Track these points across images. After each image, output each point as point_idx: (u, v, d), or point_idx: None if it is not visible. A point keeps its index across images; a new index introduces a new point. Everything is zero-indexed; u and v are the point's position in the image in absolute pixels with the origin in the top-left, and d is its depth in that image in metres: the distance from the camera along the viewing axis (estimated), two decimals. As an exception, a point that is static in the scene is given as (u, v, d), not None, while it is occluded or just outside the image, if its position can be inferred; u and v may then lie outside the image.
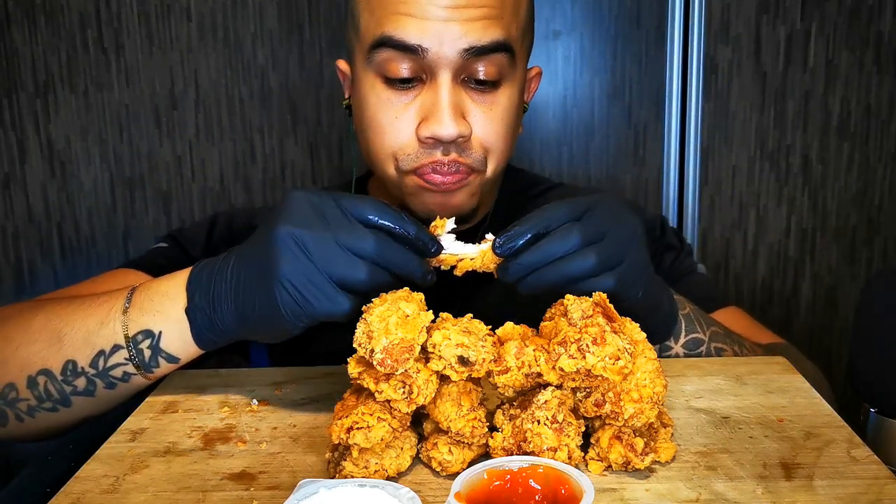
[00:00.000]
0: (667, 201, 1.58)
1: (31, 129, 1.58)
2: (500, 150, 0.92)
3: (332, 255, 0.66)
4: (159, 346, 0.75)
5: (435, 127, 0.85)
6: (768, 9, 1.50)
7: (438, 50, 0.84)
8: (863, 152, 1.56)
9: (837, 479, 0.61)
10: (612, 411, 0.62)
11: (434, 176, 0.88)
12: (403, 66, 0.86)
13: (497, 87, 0.89)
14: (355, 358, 0.63)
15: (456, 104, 0.86)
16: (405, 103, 0.88)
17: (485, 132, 0.89)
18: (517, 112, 0.93)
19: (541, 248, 0.69)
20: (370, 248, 0.66)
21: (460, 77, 0.87)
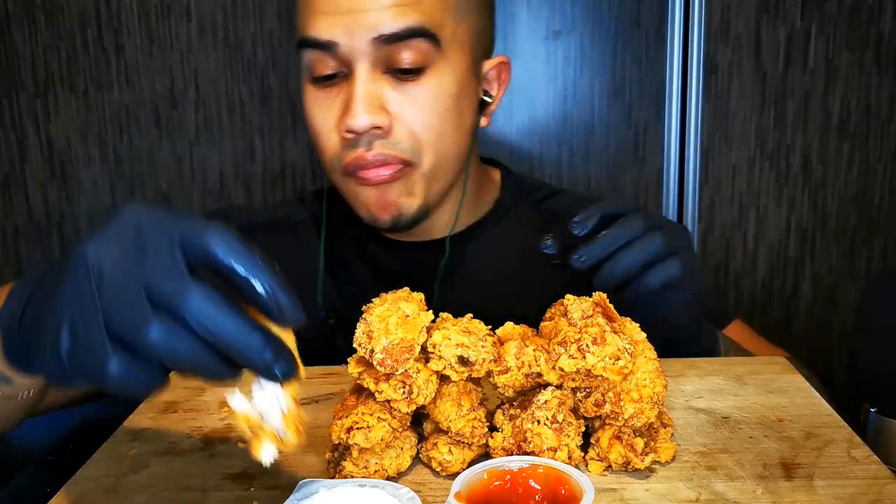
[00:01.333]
0: (667, 201, 1.58)
1: (31, 129, 1.58)
2: (434, 140, 0.89)
3: (125, 299, 0.46)
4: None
5: (348, 119, 0.86)
6: (768, 9, 1.50)
7: (350, 42, 0.85)
8: (863, 152, 1.56)
9: (837, 479, 0.61)
10: (612, 411, 0.62)
11: (364, 171, 0.88)
12: (324, 63, 0.87)
13: (421, 74, 0.87)
14: (355, 358, 0.63)
15: (372, 94, 0.86)
16: (330, 100, 0.89)
17: (411, 121, 0.88)
18: (454, 103, 0.90)
19: (608, 235, 0.73)
20: (192, 302, 0.46)
21: (382, 67, 0.87)
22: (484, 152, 1.07)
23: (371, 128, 0.86)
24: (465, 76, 0.91)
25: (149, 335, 0.45)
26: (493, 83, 0.98)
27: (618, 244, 0.73)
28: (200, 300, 0.46)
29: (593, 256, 0.73)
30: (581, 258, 0.73)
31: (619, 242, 0.73)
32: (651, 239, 0.74)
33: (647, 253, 0.73)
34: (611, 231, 0.74)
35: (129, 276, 0.47)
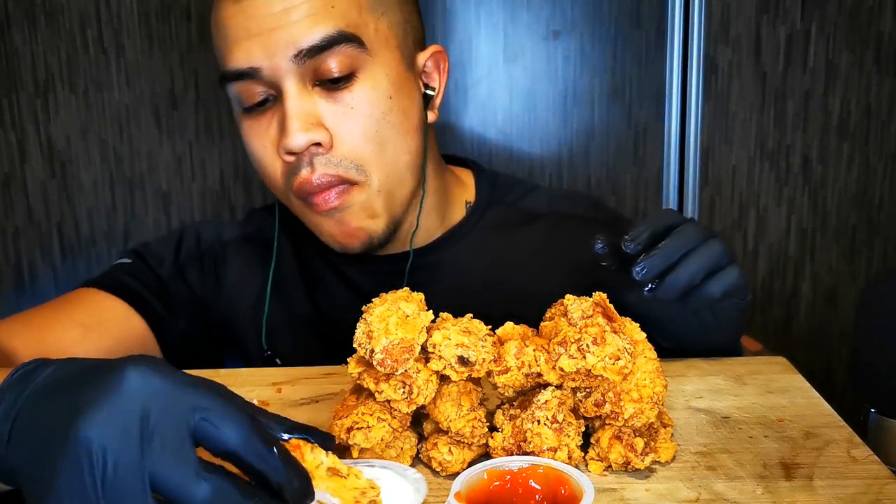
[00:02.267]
0: (667, 201, 1.58)
1: (31, 129, 1.58)
2: (376, 154, 0.85)
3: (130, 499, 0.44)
4: None
5: (285, 140, 0.82)
6: (768, 9, 1.50)
7: (271, 64, 0.82)
8: (863, 152, 1.56)
9: (837, 479, 0.61)
10: (612, 411, 0.62)
11: (313, 197, 0.85)
12: (251, 92, 0.84)
13: (352, 80, 0.84)
14: (355, 358, 0.63)
15: (306, 111, 0.83)
16: (265, 127, 0.86)
17: (350, 135, 0.84)
18: (393, 104, 0.86)
19: (668, 246, 0.72)
20: (202, 495, 0.44)
21: (311, 81, 0.84)
22: (484, 154, 1.06)
23: (309, 145, 0.83)
24: (399, 73, 0.87)
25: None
26: (432, 74, 0.93)
27: (679, 254, 0.73)
28: (209, 493, 0.44)
29: (655, 267, 0.72)
30: (642, 270, 0.71)
31: (679, 252, 0.73)
32: (711, 247, 0.74)
33: (709, 261, 0.73)
34: (670, 241, 0.73)
35: (134, 471, 0.43)
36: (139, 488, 0.43)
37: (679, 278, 0.72)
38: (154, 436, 0.44)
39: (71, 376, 0.49)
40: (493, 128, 1.53)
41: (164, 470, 0.44)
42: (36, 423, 0.47)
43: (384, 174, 0.86)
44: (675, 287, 0.73)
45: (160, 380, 0.46)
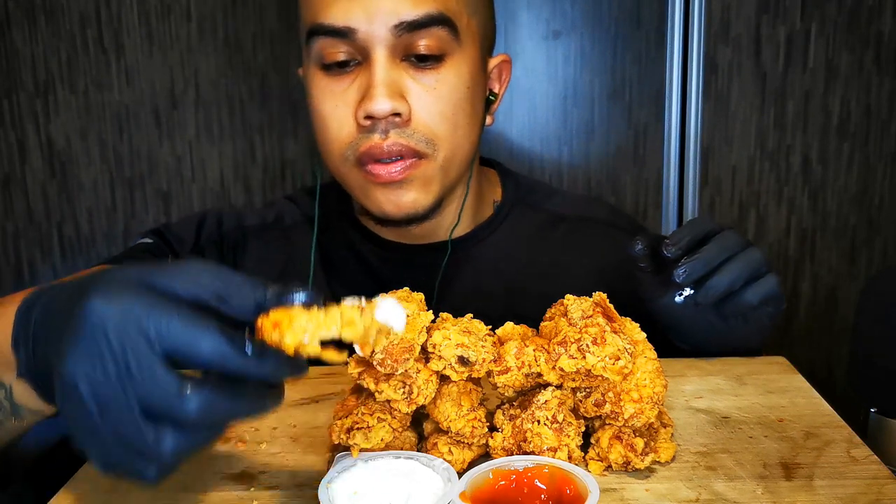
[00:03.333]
0: (667, 201, 1.58)
1: (31, 129, 1.58)
2: (448, 133, 0.88)
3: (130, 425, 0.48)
4: (13, 398, 0.61)
5: (368, 104, 0.83)
6: (768, 9, 1.50)
7: (368, 28, 0.83)
8: (863, 152, 1.56)
9: (837, 479, 0.61)
10: (612, 411, 0.62)
11: (376, 167, 0.86)
12: (337, 50, 0.85)
13: (441, 63, 0.86)
14: (355, 358, 0.63)
15: (392, 81, 0.84)
16: (344, 89, 0.87)
17: (428, 112, 0.86)
18: (469, 95, 0.89)
19: (709, 251, 0.75)
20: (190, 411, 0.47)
21: (399, 55, 0.85)
22: (484, 152, 1.07)
23: (391, 114, 0.84)
24: (476, 70, 0.90)
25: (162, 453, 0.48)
26: (495, 81, 0.98)
27: (719, 260, 0.76)
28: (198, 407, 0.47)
29: (696, 271, 0.75)
30: (684, 272, 0.75)
31: (720, 258, 0.76)
32: (750, 255, 0.77)
33: (749, 268, 0.76)
34: (711, 247, 0.76)
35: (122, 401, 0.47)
36: (129, 416, 0.47)
37: (719, 283, 0.75)
38: (129, 366, 0.47)
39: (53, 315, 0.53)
40: (493, 128, 1.53)
41: (148, 395, 0.47)
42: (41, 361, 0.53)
43: (450, 151, 0.89)
44: (715, 291, 0.75)
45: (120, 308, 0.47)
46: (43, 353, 0.53)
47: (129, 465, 0.49)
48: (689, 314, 0.81)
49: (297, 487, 0.62)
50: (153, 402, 0.47)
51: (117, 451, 0.48)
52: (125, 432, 0.47)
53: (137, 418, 0.47)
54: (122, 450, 0.48)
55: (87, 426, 0.48)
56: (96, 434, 0.48)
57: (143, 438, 0.47)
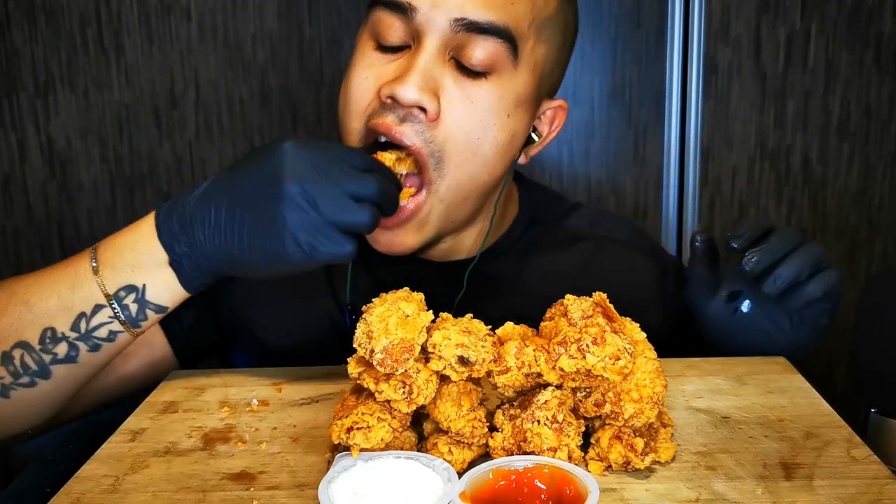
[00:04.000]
0: (667, 201, 1.58)
1: (31, 129, 1.58)
2: (464, 156, 0.82)
3: (339, 205, 0.69)
4: (145, 298, 0.74)
5: (397, 86, 0.79)
6: (768, 9, 1.50)
7: (428, 12, 0.79)
8: (863, 152, 1.56)
9: (837, 479, 0.61)
10: (612, 411, 0.62)
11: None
12: (392, 30, 0.81)
13: (485, 77, 0.81)
14: (355, 358, 0.63)
15: (431, 75, 0.80)
16: (383, 64, 0.83)
17: (454, 121, 0.81)
18: (506, 123, 0.83)
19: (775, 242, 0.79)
20: (374, 191, 0.70)
21: (448, 52, 0.81)
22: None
23: (416, 105, 0.79)
24: (525, 101, 0.84)
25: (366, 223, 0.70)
26: (545, 124, 0.91)
27: (783, 252, 0.79)
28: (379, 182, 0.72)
29: (764, 260, 0.78)
30: (753, 260, 0.78)
31: (784, 250, 0.79)
32: (812, 248, 0.80)
33: (812, 260, 0.79)
34: (775, 239, 0.79)
35: (331, 190, 0.69)
36: (344, 199, 0.69)
37: (786, 273, 0.78)
38: (323, 165, 0.70)
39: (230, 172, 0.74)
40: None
41: (348, 183, 0.70)
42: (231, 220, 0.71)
43: (455, 183, 0.83)
44: (782, 282, 0.78)
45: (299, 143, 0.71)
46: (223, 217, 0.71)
47: (333, 245, 0.69)
48: (739, 318, 0.83)
49: (297, 487, 0.62)
50: (352, 187, 0.70)
51: (329, 238, 0.69)
52: (338, 210, 0.69)
53: (346, 197, 0.69)
54: (332, 234, 0.69)
55: (305, 221, 0.68)
56: (311, 226, 0.69)
57: (354, 209, 0.69)
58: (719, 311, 0.84)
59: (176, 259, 0.73)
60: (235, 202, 0.71)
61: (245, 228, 0.71)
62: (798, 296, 0.80)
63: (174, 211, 0.74)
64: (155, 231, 0.74)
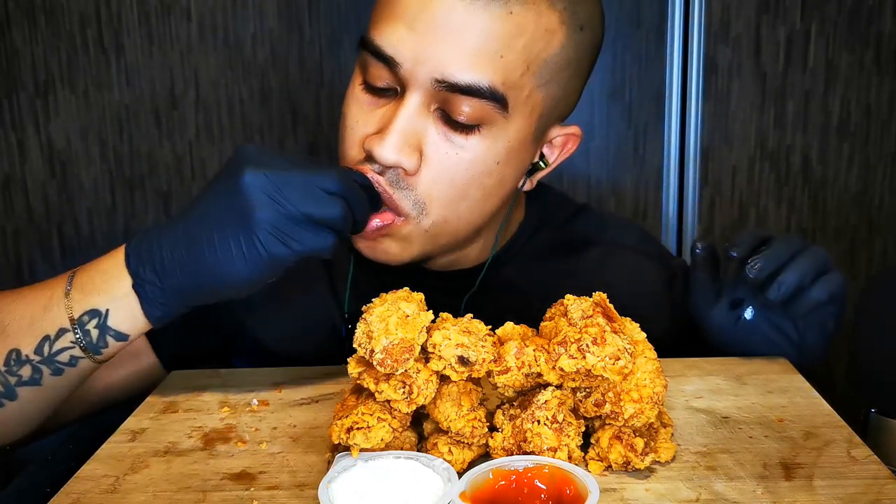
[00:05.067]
0: (667, 201, 1.58)
1: (31, 129, 1.58)
2: (449, 202, 0.80)
3: (306, 193, 0.68)
4: (107, 324, 0.73)
5: (376, 144, 0.77)
6: (768, 9, 1.50)
7: (412, 68, 0.76)
8: (863, 152, 1.56)
9: (837, 479, 0.61)
10: (612, 411, 0.62)
11: None
12: (379, 75, 0.79)
13: (472, 132, 0.78)
14: (355, 358, 0.63)
15: (412, 132, 0.78)
16: (373, 108, 0.81)
17: (437, 172, 0.79)
18: (496, 169, 0.81)
19: (777, 248, 0.77)
20: (338, 183, 0.70)
21: (433, 105, 0.78)
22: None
23: (394, 165, 0.78)
24: (521, 142, 0.82)
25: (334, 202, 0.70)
26: (554, 150, 0.88)
27: (786, 256, 0.77)
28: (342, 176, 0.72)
29: (768, 267, 0.77)
30: (756, 267, 0.77)
31: (787, 255, 0.78)
32: (816, 252, 0.79)
33: (816, 264, 0.78)
34: (777, 244, 0.78)
35: (296, 178, 0.69)
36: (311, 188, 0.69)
37: (790, 279, 0.77)
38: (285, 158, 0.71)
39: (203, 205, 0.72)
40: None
41: (311, 173, 0.70)
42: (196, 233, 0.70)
43: (441, 219, 0.82)
44: (787, 288, 0.77)
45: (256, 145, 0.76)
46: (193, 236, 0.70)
47: (311, 239, 0.69)
48: (742, 326, 0.82)
49: (297, 487, 0.62)
50: (316, 177, 0.69)
51: (302, 229, 0.68)
52: (306, 200, 0.68)
53: (313, 186, 0.68)
54: (307, 225, 0.68)
55: (275, 214, 0.67)
56: (283, 214, 0.67)
57: (323, 198, 0.68)
58: (722, 320, 0.84)
59: (139, 284, 0.72)
60: (201, 212, 0.70)
61: (215, 236, 0.69)
62: (803, 301, 0.78)
63: (144, 237, 0.73)
64: (124, 255, 0.73)
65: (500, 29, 0.76)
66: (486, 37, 0.75)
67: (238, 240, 0.68)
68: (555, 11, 0.78)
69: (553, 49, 0.79)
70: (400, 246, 0.83)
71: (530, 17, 0.77)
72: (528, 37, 0.77)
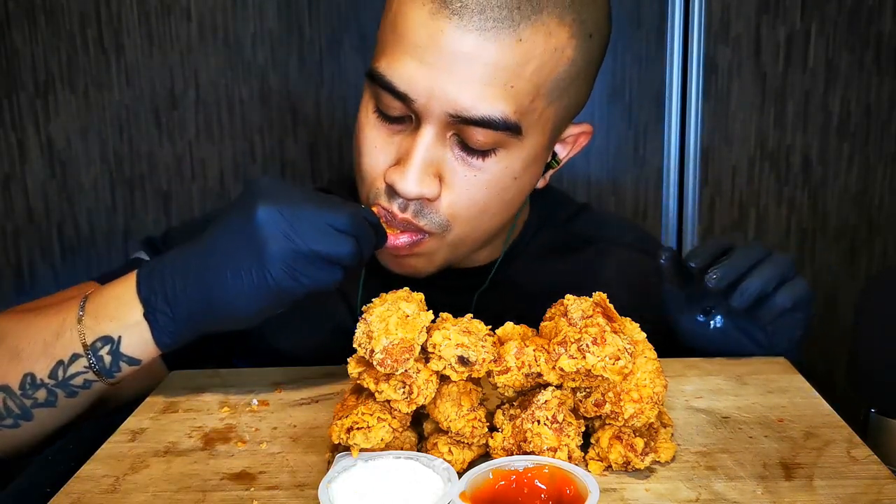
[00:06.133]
0: (667, 201, 1.58)
1: (31, 129, 1.58)
2: (471, 217, 0.83)
3: (318, 231, 0.69)
4: (119, 350, 0.74)
5: (398, 179, 0.79)
6: (768, 9, 1.50)
7: (426, 103, 0.77)
8: (863, 152, 1.56)
9: (837, 479, 0.61)
10: (612, 411, 0.62)
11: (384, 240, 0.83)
12: (393, 105, 0.79)
13: (489, 155, 0.80)
14: (355, 358, 0.63)
15: (430, 162, 0.79)
16: (389, 134, 0.82)
17: (458, 196, 0.81)
18: (514, 184, 0.83)
19: (738, 257, 0.77)
20: (348, 221, 0.70)
21: (449, 133, 0.79)
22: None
23: (418, 197, 0.80)
24: (537, 153, 0.83)
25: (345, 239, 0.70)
26: (567, 146, 0.90)
27: (748, 264, 0.77)
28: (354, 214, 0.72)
29: (728, 276, 0.77)
30: (715, 277, 0.76)
31: (749, 263, 0.77)
32: (779, 259, 0.78)
33: (779, 271, 0.77)
34: (738, 252, 0.78)
35: (308, 214, 0.69)
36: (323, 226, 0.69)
37: (752, 286, 0.76)
38: (298, 193, 0.72)
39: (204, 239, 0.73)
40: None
41: (324, 210, 0.70)
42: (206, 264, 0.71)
43: (465, 231, 0.84)
44: (749, 295, 0.76)
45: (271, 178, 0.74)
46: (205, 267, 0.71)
47: (320, 274, 0.70)
48: (713, 333, 0.83)
49: (297, 487, 0.62)
50: (328, 214, 0.69)
51: (312, 265, 0.69)
52: (317, 237, 0.68)
53: (324, 224, 0.69)
54: (317, 262, 0.69)
55: (287, 250, 0.68)
56: (295, 251, 0.68)
57: (334, 236, 0.69)
58: (694, 328, 0.84)
59: (150, 312, 0.73)
60: (214, 244, 0.72)
61: (226, 268, 0.70)
62: (768, 307, 0.78)
63: (156, 266, 0.74)
64: (136, 284, 0.74)
65: (509, 59, 0.76)
66: (495, 68, 0.76)
67: (250, 273, 0.69)
68: (564, 26, 0.78)
69: (562, 66, 0.80)
70: (426, 260, 0.86)
71: (539, 41, 0.77)
72: (536, 62, 0.77)
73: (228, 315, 0.72)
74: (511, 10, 0.75)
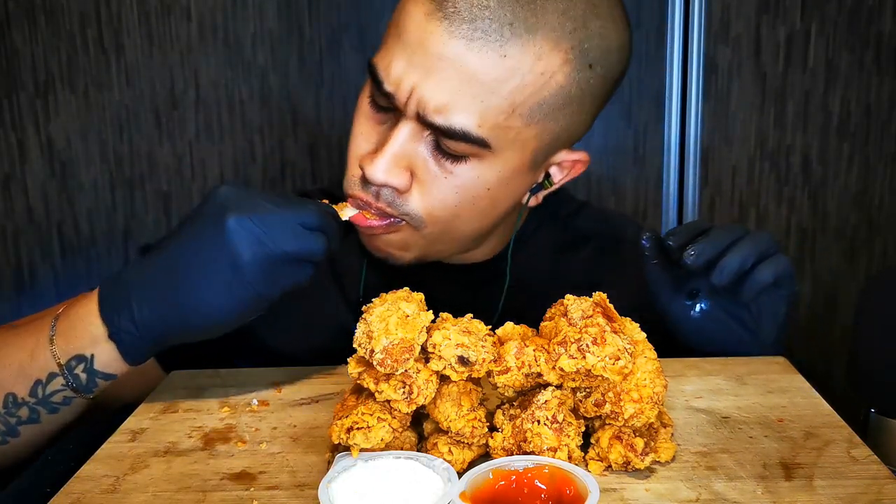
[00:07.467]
0: (667, 201, 1.58)
1: (31, 129, 1.58)
2: (444, 218, 0.82)
3: (289, 232, 0.70)
4: (94, 368, 0.74)
5: (367, 164, 0.80)
6: (768, 9, 1.50)
7: (405, 101, 0.78)
8: (863, 152, 1.56)
9: (837, 479, 0.61)
10: (612, 411, 0.62)
11: (358, 218, 0.84)
12: (382, 97, 0.81)
13: (461, 161, 0.80)
14: (355, 358, 0.63)
15: (403, 155, 0.80)
16: (376, 124, 0.83)
17: (428, 192, 0.81)
18: (487, 195, 0.82)
19: (716, 235, 0.77)
20: (316, 218, 0.72)
21: (426, 132, 0.79)
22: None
23: (383, 185, 0.80)
24: (514, 171, 0.83)
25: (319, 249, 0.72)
26: (563, 170, 0.89)
27: (727, 242, 0.77)
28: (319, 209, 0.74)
29: (706, 253, 0.76)
30: (692, 254, 0.76)
31: (728, 241, 0.77)
32: (758, 235, 0.78)
33: (758, 247, 0.77)
34: (716, 231, 0.78)
35: (276, 218, 0.70)
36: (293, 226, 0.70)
37: (731, 262, 0.76)
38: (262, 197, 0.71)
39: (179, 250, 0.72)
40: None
41: (291, 211, 0.71)
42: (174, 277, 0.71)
43: (440, 230, 0.84)
44: (729, 270, 0.76)
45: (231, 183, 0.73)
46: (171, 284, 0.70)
47: (293, 272, 0.71)
48: (700, 315, 0.82)
49: (297, 487, 0.62)
50: (297, 215, 0.70)
51: (288, 266, 0.70)
52: (287, 239, 0.69)
53: (293, 224, 0.70)
54: (292, 262, 0.70)
55: (263, 256, 0.68)
56: (270, 255, 0.69)
57: (304, 235, 0.70)
58: (681, 311, 0.84)
59: (115, 333, 0.72)
60: (179, 257, 0.71)
61: (202, 284, 0.70)
62: (749, 284, 0.78)
63: (117, 281, 0.74)
64: (98, 304, 0.74)
65: (489, 73, 0.76)
66: (471, 80, 0.76)
67: (228, 284, 0.69)
68: (559, 52, 0.78)
69: (549, 90, 0.79)
70: (399, 247, 0.86)
71: (526, 61, 0.76)
72: (517, 81, 0.77)
73: (204, 326, 0.72)
74: (503, 26, 0.75)
